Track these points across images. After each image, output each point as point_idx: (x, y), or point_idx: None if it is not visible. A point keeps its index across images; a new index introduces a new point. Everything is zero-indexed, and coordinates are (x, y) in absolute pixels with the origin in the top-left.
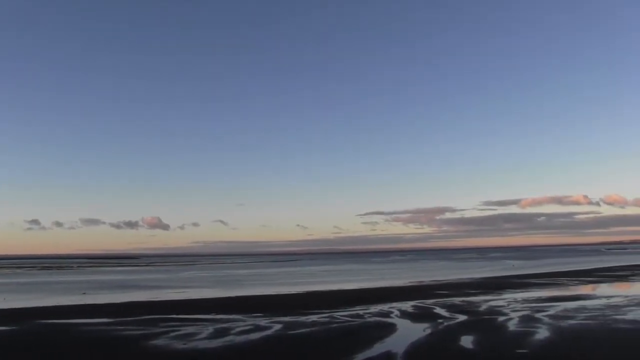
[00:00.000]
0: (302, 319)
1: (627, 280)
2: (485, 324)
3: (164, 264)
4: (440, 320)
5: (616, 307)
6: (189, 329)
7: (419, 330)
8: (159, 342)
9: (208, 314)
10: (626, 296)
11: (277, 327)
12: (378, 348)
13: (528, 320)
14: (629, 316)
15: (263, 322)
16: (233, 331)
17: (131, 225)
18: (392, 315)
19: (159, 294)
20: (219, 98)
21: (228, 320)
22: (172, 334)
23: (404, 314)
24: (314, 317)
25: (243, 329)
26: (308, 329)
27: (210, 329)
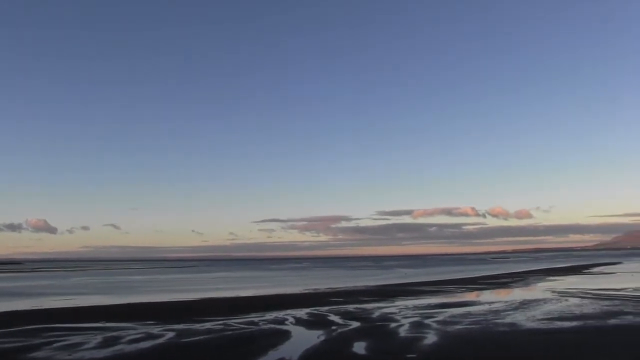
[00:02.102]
0: (196, 326)
1: (507, 287)
2: (378, 330)
3: (51, 270)
4: (334, 327)
5: (497, 312)
6: (75, 339)
7: (313, 337)
8: (41, 354)
9: (97, 322)
10: (506, 301)
11: (170, 335)
12: (272, 355)
13: (418, 326)
14: (507, 320)
15: (155, 330)
16: (123, 340)
17: (13, 227)
18: (287, 322)
19: (43, 301)
20: (111, 99)
21: (118, 329)
22: (55, 345)
23: (299, 321)
24: (208, 325)
25: (134, 337)
26: (202, 337)
27: (98, 338)
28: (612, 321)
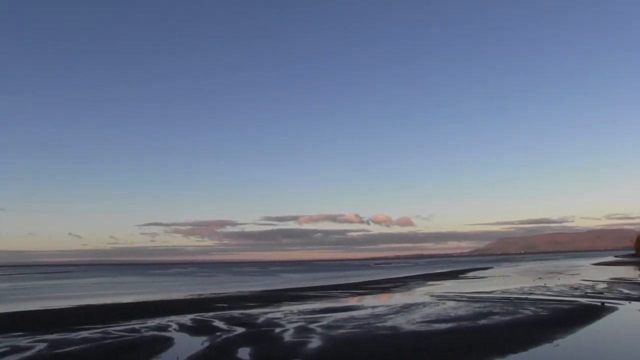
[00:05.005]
0: (72, 335)
1: (389, 292)
2: (263, 336)
3: None
4: (218, 333)
5: (379, 316)
6: None
7: (197, 344)
8: None
9: None
10: (388, 306)
11: (41, 346)
12: None
13: (303, 330)
14: (389, 323)
15: (23, 341)
16: None
17: None
18: (170, 329)
19: None
20: None
21: None
22: None
23: (183, 328)
24: (85, 333)
25: None
26: (78, 347)
27: None
28: (483, 321)
